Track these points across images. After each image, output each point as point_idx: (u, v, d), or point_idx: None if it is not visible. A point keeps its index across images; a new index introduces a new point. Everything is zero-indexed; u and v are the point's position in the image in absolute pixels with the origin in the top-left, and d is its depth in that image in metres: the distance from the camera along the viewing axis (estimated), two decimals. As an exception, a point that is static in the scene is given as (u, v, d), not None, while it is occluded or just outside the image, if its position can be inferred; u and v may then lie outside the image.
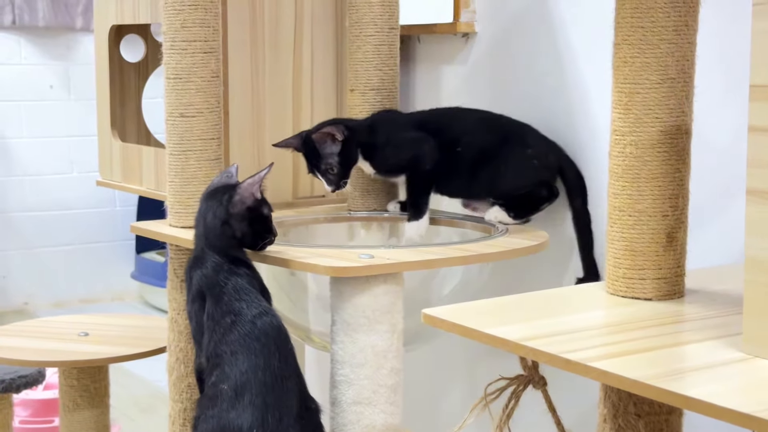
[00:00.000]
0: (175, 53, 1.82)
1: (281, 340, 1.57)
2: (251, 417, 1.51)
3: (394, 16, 2.05)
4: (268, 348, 1.55)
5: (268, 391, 1.53)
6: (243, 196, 1.63)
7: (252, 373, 1.53)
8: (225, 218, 1.63)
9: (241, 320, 1.56)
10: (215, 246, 1.63)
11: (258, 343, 1.55)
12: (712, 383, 0.97)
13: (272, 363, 1.54)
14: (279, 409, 1.53)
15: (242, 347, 1.55)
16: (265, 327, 1.56)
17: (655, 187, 1.27)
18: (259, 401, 1.52)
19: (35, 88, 4.86)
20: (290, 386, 1.56)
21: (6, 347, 2.19)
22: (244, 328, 1.56)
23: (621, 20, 1.27)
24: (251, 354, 1.54)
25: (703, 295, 1.31)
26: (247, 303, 1.57)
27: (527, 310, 1.26)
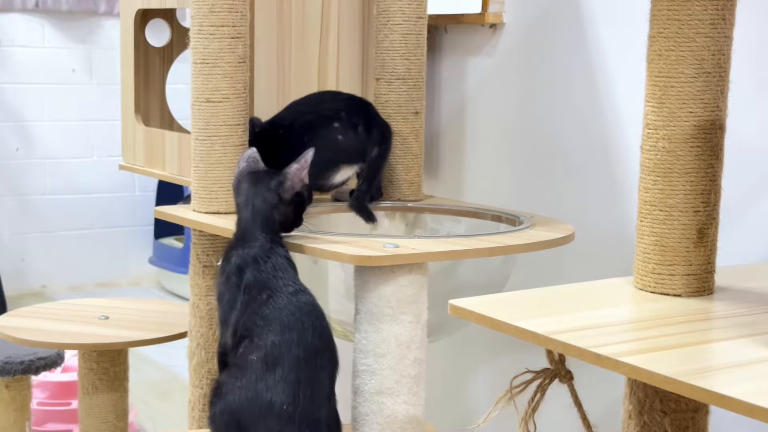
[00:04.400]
0: (203, 38, 1.82)
1: (316, 316, 1.57)
2: (282, 393, 1.50)
3: (422, 6, 2.04)
4: (302, 323, 1.54)
5: (301, 367, 1.52)
6: (293, 181, 1.64)
7: (285, 347, 1.52)
8: (275, 203, 1.64)
9: (277, 295, 1.56)
10: (262, 229, 1.63)
11: (293, 317, 1.54)
12: (745, 381, 0.95)
13: (306, 338, 1.54)
14: (311, 386, 1.53)
15: (276, 320, 1.54)
16: (300, 303, 1.56)
17: (687, 182, 1.26)
18: (291, 377, 1.51)
19: (57, 72, 4.87)
20: (323, 364, 1.55)
21: (26, 329, 2.19)
22: (280, 302, 1.55)
23: (657, 12, 1.26)
24: (285, 328, 1.54)
25: (733, 292, 1.29)
26: (284, 281, 1.57)
27: (555, 304, 1.25)
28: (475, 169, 2.26)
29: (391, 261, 1.56)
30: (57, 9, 4.75)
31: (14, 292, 4.60)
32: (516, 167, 2.22)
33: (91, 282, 5.06)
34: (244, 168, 1.70)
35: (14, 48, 4.76)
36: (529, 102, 2.17)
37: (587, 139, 2.04)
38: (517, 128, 2.20)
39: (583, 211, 2.03)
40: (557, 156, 2.11)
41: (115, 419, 2.27)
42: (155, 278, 5.17)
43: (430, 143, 2.36)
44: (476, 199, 2.18)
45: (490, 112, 2.25)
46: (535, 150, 2.16)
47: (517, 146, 2.21)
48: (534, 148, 2.17)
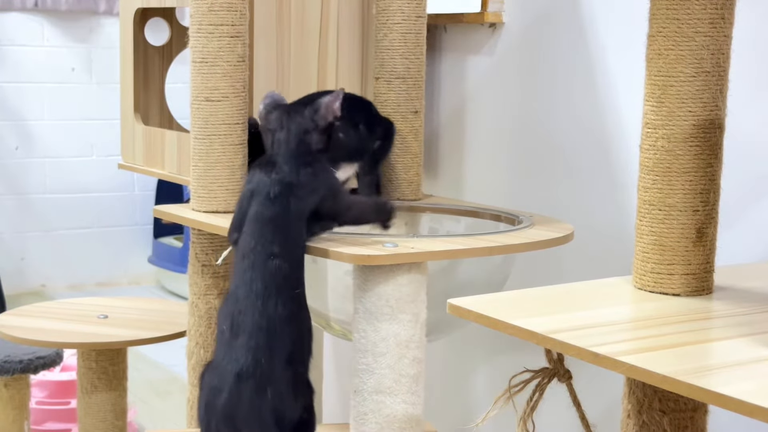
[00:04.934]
0: (202, 37, 1.82)
1: (283, 284, 1.55)
2: (243, 358, 1.52)
3: (421, 5, 2.03)
4: (268, 291, 1.54)
5: (262, 333, 1.53)
6: (327, 110, 1.66)
7: (247, 315, 1.54)
8: (309, 128, 1.65)
9: (251, 258, 1.56)
10: (295, 154, 1.63)
11: (260, 282, 1.54)
12: (744, 381, 0.95)
13: (269, 307, 1.54)
14: (270, 349, 1.53)
15: (241, 285, 1.55)
16: (272, 268, 1.55)
17: (687, 181, 1.25)
18: (252, 343, 1.53)
19: (57, 71, 4.87)
20: (286, 329, 1.54)
21: (25, 328, 2.19)
22: (246, 263, 1.56)
23: (656, 11, 1.25)
24: (248, 295, 1.55)
25: (732, 292, 1.29)
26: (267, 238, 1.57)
27: (554, 303, 1.25)
28: (474, 169, 2.26)
29: (390, 260, 1.56)
30: (56, 8, 4.75)
31: (14, 291, 4.60)
32: (515, 166, 2.21)
33: (91, 281, 5.06)
34: (270, 102, 1.71)
35: (14, 47, 4.76)
36: (528, 101, 2.17)
37: (586, 138, 2.04)
38: (516, 127, 2.20)
39: (582, 211, 2.03)
40: (556, 155, 2.11)
41: (114, 418, 2.27)
42: (155, 277, 5.17)
43: (430, 142, 2.36)
44: (475, 198, 2.18)
45: (489, 112, 2.25)
46: (534, 149, 2.16)
47: (517, 145, 2.21)
48: (533, 147, 2.17)
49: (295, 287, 1.57)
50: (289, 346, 1.55)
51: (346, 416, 1.69)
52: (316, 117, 1.66)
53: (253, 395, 1.53)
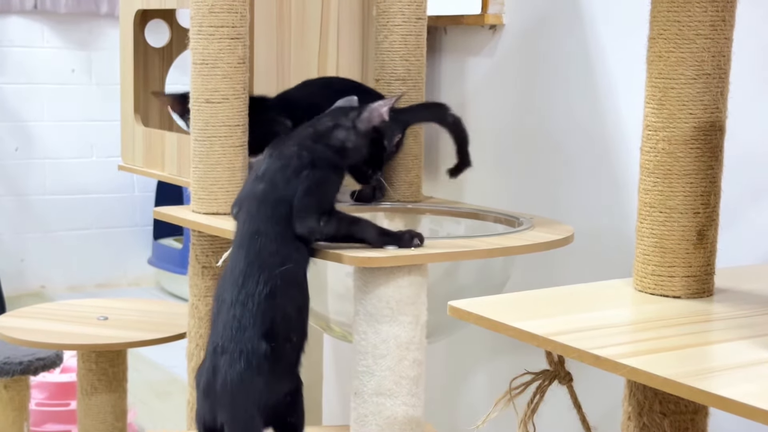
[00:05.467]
0: (202, 39, 1.82)
1: (270, 261, 1.53)
2: (220, 332, 1.52)
3: (421, 7, 2.03)
4: (253, 267, 1.53)
5: (236, 308, 1.52)
6: (372, 114, 1.60)
7: (224, 298, 1.53)
8: (343, 125, 1.60)
9: (242, 232, 1.55)
10: (305, 137, 1.59)
11: (244, 260, 1.53)
12: (745, 383, 0.95)
13: (248, 287, 1.52)
14: (241, 321, 1.51)
15: (231, 261, 1.55)
16: (257, 245, 1.53)
17: (687, 183, 1.25)
18: (229, 317, 1.51)
19: (57, 72, 4.87)
20: (262, 305, 1.51)
21: (25, 329, 2.19)
22: (236, 241, 1.55)
23: (657, 14, 1.26)
24: (229, 277, 1.54)
25: (733, 294, 1.29)
26: (284, 239, 1.54)
27: (554, 305, 1.25)
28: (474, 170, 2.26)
29: (390, 262, 1.55)
30: (55, 11, 4.75)
31: (13, 292, 4.60)
32: (516, 168, 2.21)
33: (91, 282, 5.06)
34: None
35: (14, 48, 4.76)
36: (528, 103, 2.17)
37: (587, 139, 2.04)
38: (517, 129, 2.20)
39: (582, 213, 2.03)
40: (557, 157, 2.11)
41: (114, 420, 2.27)
42: (154, 279, 5.17)
43: (430, 144, 2.36)
44: (476, 200, 2.18)
45: (489, 113, 2.25)
46: (534, 151, 2.16)
47: (517, 147, 2.20)
48: (534, 149, 2.17)
49: (281, 264, 1.54)
50: (267, 323, 1.51)
51: (346, 418, 1.69)
52: (357, 119, 1.61)
53: (227, 369, 1.51)
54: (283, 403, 1.56)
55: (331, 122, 1.61)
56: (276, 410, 1.55)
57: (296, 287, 1.56)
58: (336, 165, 1.59)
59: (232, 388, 1.51)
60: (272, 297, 1.52)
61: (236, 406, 1.52)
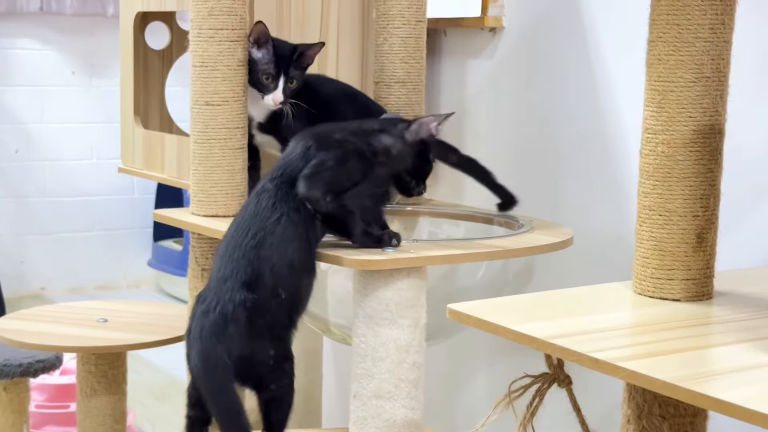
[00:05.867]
0: (202, 41, 1.82)
1: (263, 216, 1.55)
2: (206, 284, 1.57)
3: (421, 9, 2.04)
4: (251, 220, 1.55)
5: (223, 261, 1.54)
6: (421, 127, 1.61)
7: (221, 250, 1.56)
8: (390, 132, 1.61)
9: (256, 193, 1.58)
10: (347, 130, 1.61)
11: (245, 216, 1.56)
12: (744, 386, 0.95)
13: (239, 232, 1.54)
14: (224, 272, 1.53)
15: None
16: (258, 203, 1.56)
17: (687, 186, 1.26)
18: (215, 268, 1.55)
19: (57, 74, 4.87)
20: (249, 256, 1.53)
21: (25, 332, 2.19)
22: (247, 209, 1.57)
23: (656, 17, 1.26)
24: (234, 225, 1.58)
25: (732, 297, 1.29)
26: (283, 199, 1.56)
27: (554, 308, 1.25)
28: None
29: (390, 265, 1.56)
30: (61, 12, 4.74)
31: (13, 294, 4.60)
32: (515, 171, 2.21)
33: (91, 284, 5.05)
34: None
35: (14, 50, 4.76)
36: (528, 105, 2.17)
37: (586, 142, 2.04)
38: (516, 132, 2.20)
39: (582, 215, 2.03)
40: (556, 160, 2.11)
41: (114, 422, 2.27)
42: (154, 281, 5.16)
43: (430, 147, 2.36)
44: (475, 202, 2.18)
45: (489, 116, 2.25)
46: (534, 153, 2.16)
47: (517, 149, 2.20)
48: (533, 152, 2.17)
49: (277, 219, 1.54)
50: (250, 273, 1.52)
51: (345, 421, 1.69)
52: (407, 130, 1.61)
53: (201, 315, 1.53)
54: (265, 364, 1.55)
55: (378, 126, 1.63)
56: (254, 369, 1.54)
57: (290, 243, 1.55)
58: (367, 160, 1.59)
59: (202, 333, 1.51)
60: (259, 247, 1.53)
61: (205, 351, 1.51)
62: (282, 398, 1.58)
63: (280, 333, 1.56)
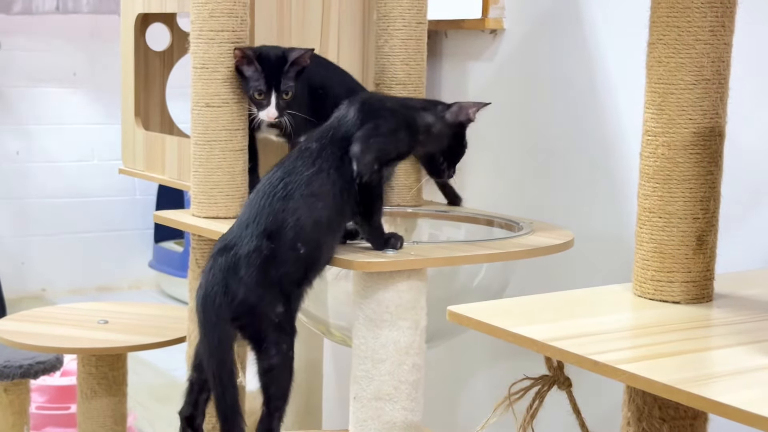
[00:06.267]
0: (203, 43, 1.82)
1: (299, 169, 1.55)
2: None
3: (422, 11, 2.04)
4: (284, 171, 1.56)
5: (250, 206, 1.55)
6: (460, 111, 1.65)
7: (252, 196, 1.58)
8: (431, 111, 1.64)
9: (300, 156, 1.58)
10: (393, 103, 1.64)
11: (275, 171, 1.57)
12: (744, 389, 0.95)
13: (270, 182, 1.55)
14: (249, 221, 1.54)
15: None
16: (298, 158, 1.56)
17: (687, 189, 1.25)
18: (243, 217, 1.56)
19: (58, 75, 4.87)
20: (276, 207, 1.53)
21: (25, 333, 2.19)
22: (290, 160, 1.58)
23: (656, 19, 1.26)
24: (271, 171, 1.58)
25: (732, 299, 1.29)
26: (326, 158, 1.56)
27: (554, 310, 1.25)
28: (474, 175, 2.26)
29: (390, 267, 1.55)
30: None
31: (14, 295, 4.60)
32: (516, 173, 2.21)
33: (91, 285, 5.05)
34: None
35: (16, 51, 4.76)
36: (529, 107, 2.17)
37: (587, 144, 2.04)
38: (517, 133, 2.20)
39: (582, 218, 2.03)
40: (557, 162, 2.11)
41: (114, 423, 2.27)
42: (155, 282, 5.16)
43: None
44: (476, 204, 2.18)
45: (490, 118, 2.25)
46: (534, 155, 2.16)
47: (517, 152, 2.21)
48: (534, 154, 2.17)
49: (314, 174, 1.55)
50: (272, 223, 1.52)
51: (345, 422, 1.69)
52: (447, 111, 1.65)
53: (215, 255, 1.54)
54: (268, 319, 1.54)
55: (420, 105, 1.67)
56: (256, 321, 1.54)
57: (321, 199, 1.55)
58: (413, 135, 1.63)
59: (212, 269, 1.52)
60: (288, 199, 1.53)
61: (209, 287, 1.52)
62: (282, 367, 1.56)
63: (289, 290, 1.55)
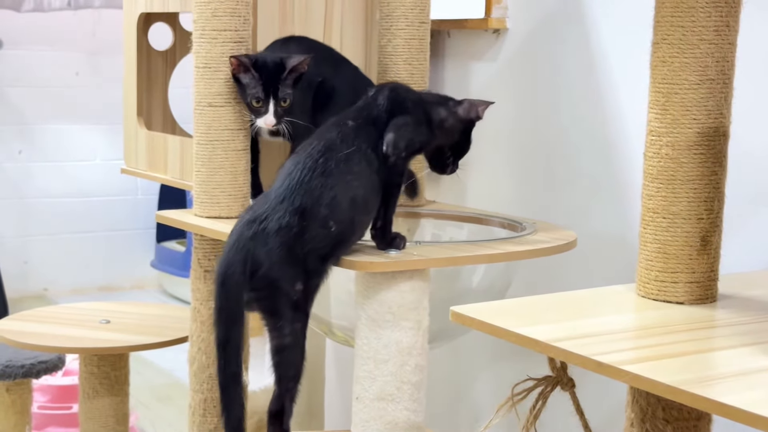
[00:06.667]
0: (205, 42, 1.81)
1: (337, 147, 1.56)
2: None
3: (425, 11, 2.03)
4: (320, 149, 1.56)
5: (288, 180, 1.54)
6: (470, 108, 1.66)
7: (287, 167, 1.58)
8: (445, 105, 1.66)
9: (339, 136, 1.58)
10: (412, 98, 1.64)
11: (313, 144, 1.57)
12: (748, 390, 0.95)
13: (308, 162, 1.54)
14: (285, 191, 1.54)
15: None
16: (336, 134, 1.57)
17: (691, 189, 1.25)
18: (280, 191, 1.54)
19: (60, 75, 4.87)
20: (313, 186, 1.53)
21: (28, 333, 2.19)
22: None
23: (660, 19, 1.25)
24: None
25: (736, 300, 1.29)
26: (363, 138, 1.58)
27: (557, 311, 1.24)
28: (477, 175, 2.26)
29: (392, 267, 1.55)
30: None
31: (16, 294, 4.60)
32: (519, 173, 2.21)
33: (94, 285, 5.05)
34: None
35: (17, 51, 4.76)
36: (532, 107, 2.17)
37: (590, 145, 2.03)
38: (519, 133, 2.20)
39: (585, 218, 2.03)
40: (560, 162, 2.11)
41: (116, 423, 2.27)
42: (157, 281, 5.16)
43: (433, 148, 2.35)
44: (479, 204, 2.18)
45: (493, 118, 2.24)
46: (538, 155, 2.16)
47: (520, 152, 2.20)
48: (537, 154, 2.16)
49: (353, 152, 1.56)
50: (307, 199, 1.51)
51: (348, 423, 1.68)
52: (459, 106, 1.67)
53: (244, 225, 1.53)
54: (287, 297, 1.54)
55: (434, 100, 1.68)
56: (273, 296, 1.54)
57: (358, 178, 1.55)
58: (431, 130, 1.65)
59: (239, 239, 1.52)
60: (325, 175, 1.53)
61: (231, 258, 1.52)
62: (294, 347, 1.56)
63: (313, 267, 1.54)
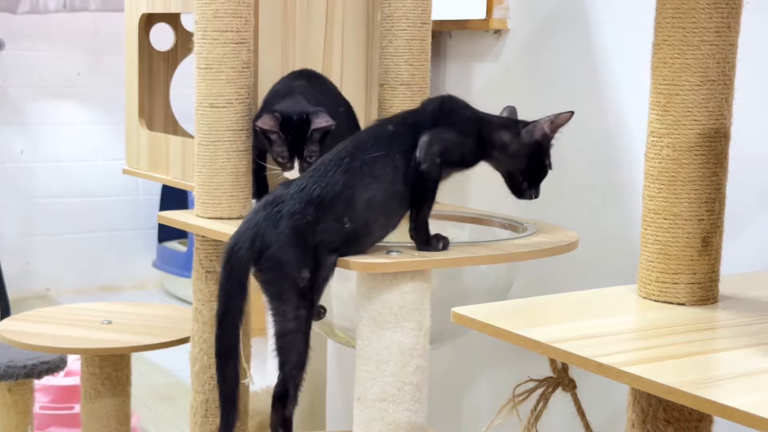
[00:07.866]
0: (207, 43, 1.82)
1: (365, 149, 1.58)
2: None
3: (426, 11, 2.03)
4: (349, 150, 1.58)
5: (315, 171, 1.57)
6: (537, 128, 1.62)
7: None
8: (510, 128, 1.63)
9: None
10: (476, 118, 1.64)
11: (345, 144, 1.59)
12: (749, 392, 0.95)
13: (335, 160, 1.57)
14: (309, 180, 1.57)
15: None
16: (368, 138, 1.59)
17: (692, 190, 1.25)
18: (302, 183, 1.57)
19: (62, 75, 4.87)
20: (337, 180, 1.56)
21: (29, 333, 2.20)
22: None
23: (661, 20, 1.25)
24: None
25: (738, 301, 1.29)
26: (397, 143, 1.58)
27: (558, 312, 1.24)
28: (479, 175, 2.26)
29: (394, 268, 1.55)
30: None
31: (18, 294, 4.60)
32: (520, 173, 2.21)
33: (95, 285, 5.06)
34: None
35: (20, 51, 4.76)
36: (533, 108, 2.16)
37: (591, 145, 2.03)
38: (521, 134, 2.20)
39: (587, 219, 2.03)
40: (561, 162, 2.10)
41: (118, 423, 2.27)
42: (159, 282, 5.17)
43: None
44: (480, 205, 2.18)
45: (494, 118, 2.25)
46: (539, 156, 2.16)
47: (521, 152, 2.20)
48: (538, 155, 2.16)
49: (381, 157, 1.57)
50: (324, 193, 1.54)
51: (349, 424, 1.68)
52: (524, 129, 1.62)
53: (263, 206, 1.56)
54: (292, 281, 1.56)
55: (499, 122, 1.65)
56: (279, 277, 1.56)
57: (378, 181, 1.57)
58: (481, 149, 1.63)
59: (254, 218, 1.55)
60: (349, 173, 1.55)
61: (245, 231, 1.55)
62: (297, 333, 1.59)
63: (322, 257, 1.56)
